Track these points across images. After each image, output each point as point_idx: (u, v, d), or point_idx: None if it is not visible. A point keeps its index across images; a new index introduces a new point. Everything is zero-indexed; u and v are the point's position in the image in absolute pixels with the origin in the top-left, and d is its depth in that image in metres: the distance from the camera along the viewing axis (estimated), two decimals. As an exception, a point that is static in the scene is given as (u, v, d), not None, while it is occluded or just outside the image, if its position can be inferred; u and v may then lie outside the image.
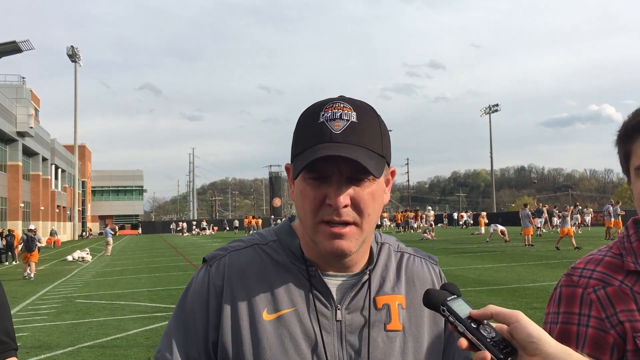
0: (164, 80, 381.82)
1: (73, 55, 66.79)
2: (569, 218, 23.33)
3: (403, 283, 1.21)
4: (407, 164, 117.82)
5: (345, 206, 1.06)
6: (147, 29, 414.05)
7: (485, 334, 0.90)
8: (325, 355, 1.10)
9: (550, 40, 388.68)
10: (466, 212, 62.34)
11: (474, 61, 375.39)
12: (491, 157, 75.56)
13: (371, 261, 1.19)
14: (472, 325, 0.91)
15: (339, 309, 1.13)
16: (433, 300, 0.95)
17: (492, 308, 0.92)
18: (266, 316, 1.12)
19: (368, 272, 1.17)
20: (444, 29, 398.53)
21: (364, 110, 1.11)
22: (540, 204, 36.06)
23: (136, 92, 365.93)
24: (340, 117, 1.07)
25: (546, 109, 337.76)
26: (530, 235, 25.19)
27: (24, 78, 54.43)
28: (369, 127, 1.09)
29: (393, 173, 1.21)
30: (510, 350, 0.89)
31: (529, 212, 26.04)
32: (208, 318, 1.14)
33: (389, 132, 1.16)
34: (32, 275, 20.46)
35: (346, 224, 1.08)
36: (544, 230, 34.12)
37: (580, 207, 37.74)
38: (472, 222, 55.01)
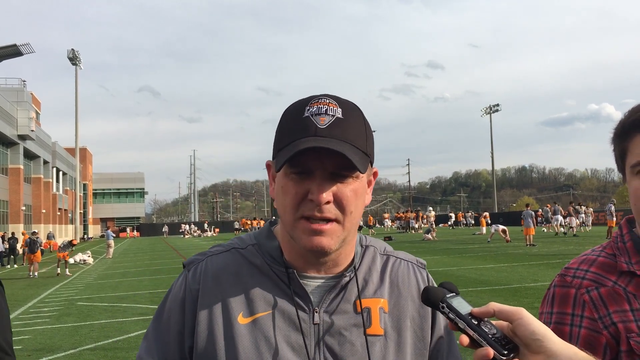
0: (162, 82, 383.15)
1: (74, 58, 66.77)
2: None
3: (387, 287, 1.17)
4: (408, 164, 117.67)
5: (328, 202, 1.04)
6: (145, 31, 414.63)
7: (487, 330, 0.88)
8: (301, 359, 1.07)
9: (548, 39, 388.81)
10: (467, 212, 62.39)
11: (472, 61, 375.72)
12: (492, 157, 75.46)
13: (353, 263, 1.16)
14: (473, 321, 0.89)
15: (316, 312, 1.11)
16: (432, 298, 0.93)
17: (494, 305, 0.90)
18: (241, 319, 1.10)
19: (349, 275, 1.14)
20: (442, 29, 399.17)
21: (350, 107, 1.10)
22: (578, 204, 34.98)
23: (135, 95, 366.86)
24: (326, 112, 1.06)
25: (546, 109, 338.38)
26: (531, 235, 25.15)
27: (24, 81, 54.57)
28: (354, 124, 1.08)
29: (375, 174, 1.19)
30: (512, 347, 0.88)
31: (532, 212, 26.00)
32: (184, 323, 1.13)
33: (373, 134, 1.16)
34: (35, 274, 21.73)
35: (327, 220, 1.06)
36: (560, 230, 33.94)
37: (583, 207, 37.44)
38: (472, 222, 55.13)
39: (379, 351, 1.11)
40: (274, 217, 1.22)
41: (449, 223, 58.76)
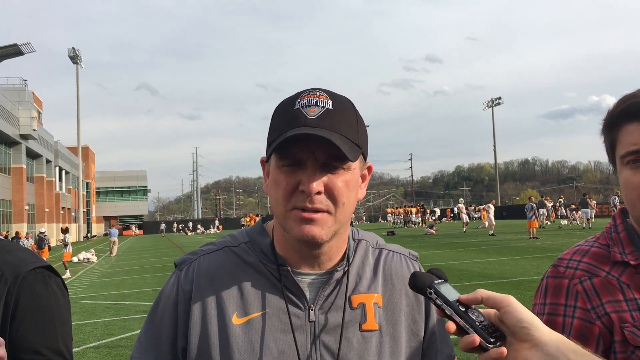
0: (160, 80, 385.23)
1: (74, 57, 66.80)
2: None
3: (380, 281, 1.17)
4: (411, 159, 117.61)
5: (319, 193, 1.04)
6: (143, 29, 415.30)
7: (474, 318, 0.88)
8: (298, 358, 1.07)
9: (547, 32, 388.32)
10: (470, 206, 62.05)
11: (471, 54, 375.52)
12: (494, 151, 75.35)
13: (346, 258, 1.16)
14: (461, 308, 0.89)
15: (311, 309, 1.10)
16: (419, 283, 0.93)
17: (482, 292, 0.89)
18: (236, 320, 1.09)
19: (342, 270, 1.14)
20: (440, 22, 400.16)
21: (341, 100, 1.10)
22: (583, 195, 34.26)
23: (133, 93, 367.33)
24: (316, 104, 1.06)
25: (546, 101, 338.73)
26: (534, 229, 25.11)
27: (25, 81, 54.58)
28: (345, 115, 1.08)
29: (370, 169, 1.18)
30: (499, 335, 0.87)
31: (534, 205, 25.96)
32: (177, 324, 1.12)
33: (366, 128, 1.15)
34: None
35: (319, 211, 1.05)
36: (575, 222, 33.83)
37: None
38: (476, 216, 54.96)
39: (374, 347, 1.11)
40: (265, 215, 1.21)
41: (434, 217, 56.72)
